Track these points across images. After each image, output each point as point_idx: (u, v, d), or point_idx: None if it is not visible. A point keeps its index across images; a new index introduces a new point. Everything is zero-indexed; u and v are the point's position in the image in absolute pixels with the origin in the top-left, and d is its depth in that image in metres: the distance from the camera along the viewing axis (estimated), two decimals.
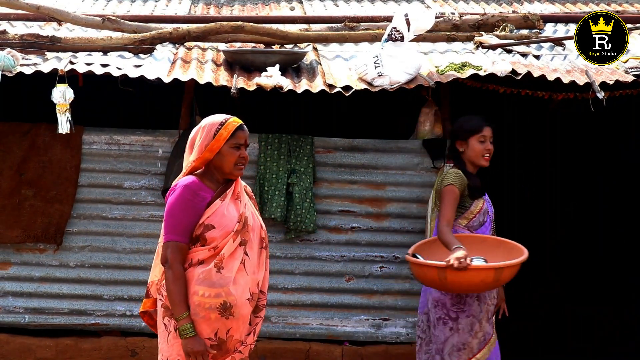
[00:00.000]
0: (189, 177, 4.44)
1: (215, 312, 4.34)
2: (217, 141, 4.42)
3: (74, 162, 7.40)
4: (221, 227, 4.38)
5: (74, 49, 7.47)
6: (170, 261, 4.36)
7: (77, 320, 7.38)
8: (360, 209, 7.47)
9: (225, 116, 4.51)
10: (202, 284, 4.34)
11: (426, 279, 5.59)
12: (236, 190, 4.51)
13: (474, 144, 5.86)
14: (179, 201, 4.38)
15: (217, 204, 4.41)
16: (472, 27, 8.08)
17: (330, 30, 8.16)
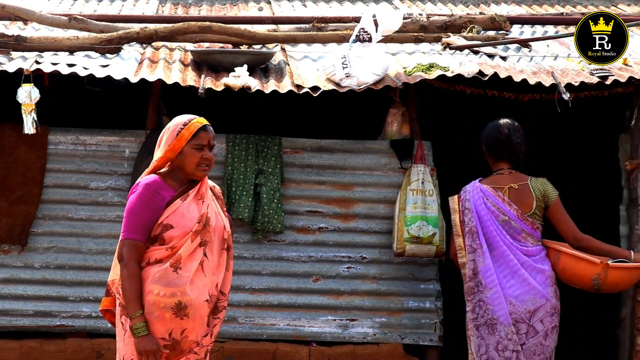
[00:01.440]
0: (151, 176, 4.43)
1: (170, 311, 4.32)
2: (179, 141, 4.41)
3: (40, 163, 7.34)
4: (179, 227, 4.36)
5: (39, 48, 7.42)
6: (125, 259, 4.34)
7: (41, 322, 7.33)
8: (327, 210, 7.47)
9: (190, 116, 4.49)
10: (157, 283, 4.32)
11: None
12: (200, 190, 4.49)
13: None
14: (138, 200, 4.37)
15: (177, 203, 4.39)
16: (439, 28, 8.11)
17: (298, 30, 8.16)
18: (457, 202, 5.71)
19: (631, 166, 7.33)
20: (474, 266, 5.60)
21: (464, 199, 5.69)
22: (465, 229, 5.62)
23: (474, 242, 5.60)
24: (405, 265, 7.43)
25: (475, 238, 5.60)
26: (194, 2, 9.50)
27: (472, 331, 5.60)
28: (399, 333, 7.41)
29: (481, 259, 5.58)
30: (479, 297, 5.57)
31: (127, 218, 4.39)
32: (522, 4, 9.48)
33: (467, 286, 5.62)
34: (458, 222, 5.66)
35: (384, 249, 7.43)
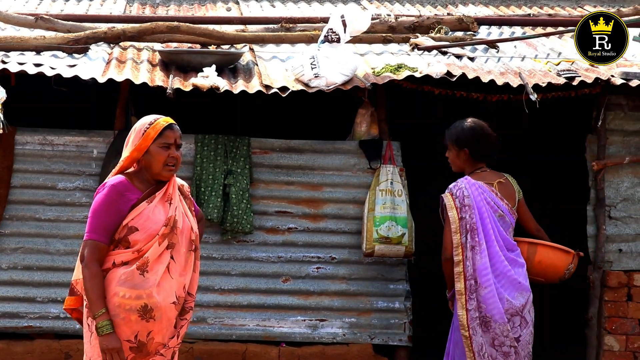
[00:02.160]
0: (118, 177, 4.40)
1: (136, 314, 4.30)
2: (145, 140, 4.37)
3: (6, 163, 7.28)
4: (145, 230, 4.34)
5: (5, 48, 7.36)
6: (86, 260, 4.33)
7: (9, 323, 7.27)
8: (297, 210, 7.48)
9: (155, 116, 4.47)
10: (123, 285, 4.30)
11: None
12: (167, 192, 4.45)
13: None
14: (103, 201, 4.34)
15: (143, 206, 4.36)
16: (407, 29, 8.13)
17: (266, 31, 8.16)
18: (452, 198, 5.63)
19: (598, 167, 7.39)
20: (471, 264, 5.55)
21: (460, 196, 5.58)
22: (464, 226, 5.57)
23: (473, 239, 5.54)
24: (375, 266, 7.45)
25: (475, 235, 5.54)
26: (161, 2, 9.47)
27: (473, 330, 5.57)
28: (368, 333, 7.43)
29: (478, 256, 5.54)
30: (475, 296, 5.56)
31: (91, 219, 4.36)
32: (490, 5, 9.54)
33: (468, 284, 5.55)
34: (457, 218, 5.59)
35: (353, 250, 7.44)
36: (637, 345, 7.38)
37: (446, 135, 5.79)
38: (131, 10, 9.11)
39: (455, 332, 5.66)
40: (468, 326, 5.53)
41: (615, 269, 7.41)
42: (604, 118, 7.37)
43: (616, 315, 7.37)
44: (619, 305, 7.37)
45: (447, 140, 5.78)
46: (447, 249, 5.62)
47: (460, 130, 5.73)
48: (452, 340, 5.68)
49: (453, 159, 5.78)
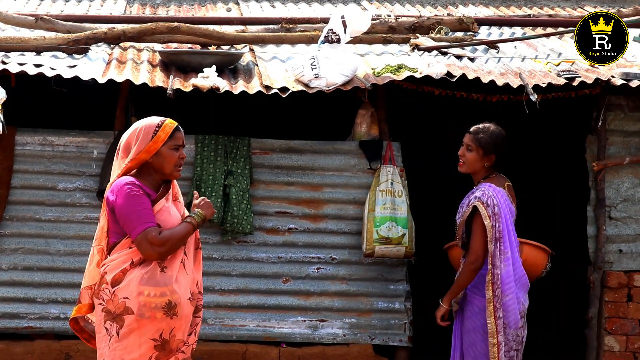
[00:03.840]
0: (125, 177, 4.40)
1: (161, 311, 4.33)
2: (155, 143, 4.40)
3: (7, 164, 7.28)
4: (166, 226, 4.38)
5: (6, 48, 7.36)
6: (155, 243, 4.30)
7: (9, 324, 7.27)
8: (297, 211, 7.48)
9: (160, 118, 4.48)
10: (146, 284, 4.32)
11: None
12: (174, 191, 4.53)
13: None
14: (129, 196, 4.33)
15: (162, 202, 4.42)
16: (408, 30, 8.14)
17: (267, 31, 8.16)
18: (484, 207, 5.57)
19: (598, 167, 7.40)
20: (499, 272, 5.54)
21: (491, 205, 5.51)
22: (494, 235, 5.52)
23: (500, 247, 5.52)
24: (375, 266, 7.45)
25: (501, 243, 5.49)
26: (162, 3, 9.47)
27: (501, 337, 5.56)
28: (368, 334, 7.43)
29: (504, 264, 5.53)
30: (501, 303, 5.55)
31: (128, 216, 4.32)
32: (490, 6, 9.54)
33: (497, 292, 5.53)
34: (491, 227, 5.55)
35: (354, 250, 7.44)
36: (637, 346, 7.38)
37: (473, 137, 5.60)
38: (131, 11, 9.11)
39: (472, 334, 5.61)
40: (497, 333, 5.51)
41: (616, 270, 7.41)
42: (604, 118, 7.38)
43: (616, 316, 7.37)
44: (619, 306, 7.37)
45: (475, 141, 5.59)
46: (480, 257, 5.54)
47: (493, 135, 5.56)
48: (468, 341, 5.64)
49: (474, 160, 5.60)
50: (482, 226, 5.47)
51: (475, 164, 5.57)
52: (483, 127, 5.60)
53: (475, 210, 5.48)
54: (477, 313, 5.55)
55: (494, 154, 5.54)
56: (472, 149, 5.55)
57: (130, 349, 4.33)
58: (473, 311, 5.55)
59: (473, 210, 5.49)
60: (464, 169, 5.66)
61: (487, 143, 5.53)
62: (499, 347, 5.48)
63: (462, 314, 5.65)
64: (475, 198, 5.52)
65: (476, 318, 5.56)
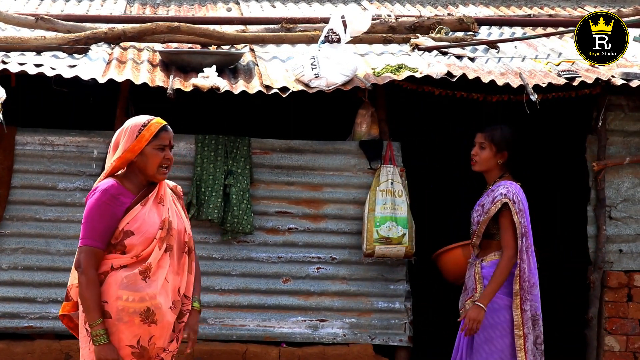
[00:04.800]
0: (109, 181, 4.33)
1: (138, 317, 4.26)
2: (139, 142, 4.32)
3: (7, 163, 7.28)
4: (140, 233, 4.28)
5: (6, 48, 7.36)
6: (83, 266, 4.25)
7: (9, 324, 7.27)
8: (297, 210, 7.47)
9: (148, 117, 4.41)
10: (126, 289, 4.25)
11: None
12: (159, 193, 4.41)
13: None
14: (96, 205, 4.27)
15: (137, 209, 4.30)
16: (408, 30, 8.14)
17: (267, 31, 8.16)
18: (511, 204, 5.61)
19: (598, 167, 7.40)
20: (527, 265, 5.59)
21: (517, 201, 5.58)
22: (521, 230, 5.58)
23: (526, 242, 5.58)
24: (375, 266, 7.45)
25: (526, 238, 5.59)
26: (162, 3, 9.47)
27: (527, 329, 5.60)
28: (368, 333, 7.43)
29: (530, 258, 5.61)
30: (528, 296, 5.59)
31: (85, 224, 4.29)
32: (490, 6, 9.54)
33: (524, 285, 5.57)
34: (519, 223, 5.60)
35: (354, 250, 7.44)
36: (637, 346, 7.38)
37: (486, 134, 5.69)
38: (131, 11, 9.11)
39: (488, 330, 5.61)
40: (524, 325, 5.55)
41: (616, 270, 7.41)
42: (604, 118, 7.38)
43: (616, 316, 7.37)
44: (619, 306, 7.38)
45: (488, 138, 5.66)
46: (516, 253, 5.56)
47: (506, 133, 5.68)
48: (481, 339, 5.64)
49: (488, 158, 5.67)
50: (512, 222, 5.54)
51: (489, 162, 5.66)
52: (494, 126, 5.73)
53: (505, 207, 5.54)
54: (496, 310, 5.57)
55: (506, 150, 5.65)
56: (486, 146, 5.66)
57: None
58: (492, 308, 5.56)
59: (502, 207, 5.55)
60: (477, 168, 5.73)
61: (499, 140, 5.64)
62: (526, 339, 5.54)
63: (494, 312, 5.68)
64: (501, 195, 5.57)
65: (496, 315, 5.58)
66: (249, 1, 9.43)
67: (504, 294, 5.58)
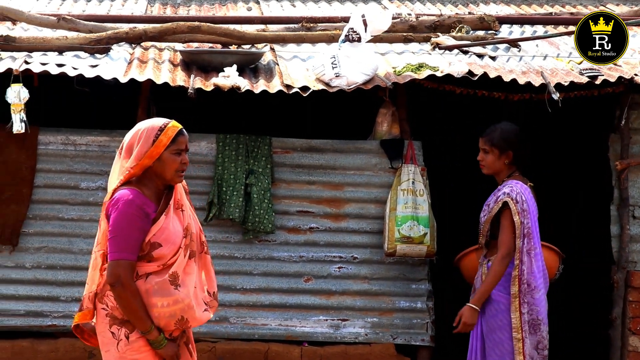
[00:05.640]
0: (130, 190, 4.25)
1: (175, 319, 4.28)
2: (157, 147, 4.25)
3: (30, 163, 7.32)
4: (168, 244, 4.26)
5: (28, 48, 7.39)
6: (124, 280, 4.20)
7: (33, 322, 7.31)
8: (318, 210, 7.48)
9: (164, 120, 4.34)
10: (157, 295, 4.25)
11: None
12: (176, 198, 4.38)
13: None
14: (124, 217, 4.20)
15: (162, 220, 4.26)
16: (428, 28, 8.12)
17: (287, 30, 8.16)
18: (514, 204, 5.59)
19: (621, 166, 7.36)
20: (527, 267, 5.56)
21: (520, 201, 5.55)
22: (522, 231, 5.55)
23: (529, 244, 5.54)
24: (397, 265, 7.45)
25: (530, 239, 5.54)
26: (182, 2, 9.49)
27: (525, 332, 5.57)
28: (390, 333, 7.42)
29: (533, 260, 5.56)
30: (527, 299, 5.56)
31: (116, 238, 4.21)
32: (511, 4, 9.50)
33: (522, 287, 5.55)
34: (519, 223, 5.57)
35: (375, 249, 7.43)
36: None
37: (486, 138, 5.68)
38: (152, 11, 9.13)
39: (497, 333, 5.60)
40: (521, 329, 5.53)
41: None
42: (627, 117, 7.35)
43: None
44: None
45: (488, 143, 5.65)
46: (512, 253, 5.55)
47: (505, 132, 5.65)
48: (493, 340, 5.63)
49: (493, 161, 5.67)
50: (511, 222, 5.52)
51: (494, 165, 5.66)
52: (493, 128, 5.72)
53: (505, 206, 5.52)
54: (503, 311, 5.56)
55: (509, 150, 5.63)
56: (488, 150, 5.67)
57: (142, 349, 4.30)
58: (498, 309, 5.55)
59: (503, 206, 5.53)
60: (486, 171, 5.76)
61: (499, 141, 5.64)
62: (524, 343, 5.51)
63: (484, 314, 5.64)
64: (504, 194, 5.55)
65: (502, 316, 5.56)
66: (270, 0, 9.43)
67: (508, 293, 5.57)
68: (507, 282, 5.57)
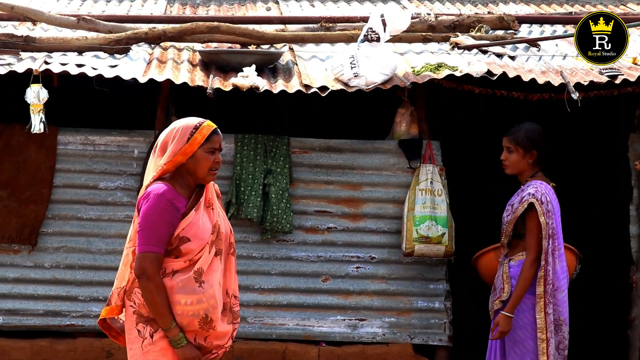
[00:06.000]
0: (162, 185, 4.30)
1: (198, 318, 4.28)
2: (191, 145, 4.29)
3: (49, 163, 7.36)
4: (197, 239, 4.28)
5: (48, 49, 7.43)
6: (150, 273, 4.23)
7: (52, 322, 7.34)
8: (336, 210, 7.47)
9: (199, 119, 4.38)
10: (181, 292, 4.26)
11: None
12: (207, 196, 4.40)
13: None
14: (155, 210, 4.24)
15: (192, 215, 4.29)
16: (447, 28, 8.10)
17: (306, 30, 8.16)
18: (539, 205, 5.58)
19: None
20: (552, 268, 5.55)
21: (545, 202, 5.54)
22: (548, 231, 5.54)
23: (553, 244, 5.54)
24: (415, 265, 7.43)
25: (555, 240, 5.54)
26: (202, 2, 9.51)
27: (550, 333, 5.57)
28: (408, 333, 7.41)
29: (557, 260, 5.57)
30: (552, 299, 5.56)
31: (145, 230, 4.25)
32: (531, 4, 9.46)
33: (547, 288, 5.55)
34: (545, 224, 5.56)
35: (393, 249, 7.42)
36: None
37: (510, 137, 5.66)
38: (172, 11, 9.16)
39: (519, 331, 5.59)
40: (546, 329, 5.52)
41: None
42: None
43: None
44: None
45: (512, 141, 5.64)
46: (539, 255, 5.55)
47: (530, 132, 5.65)
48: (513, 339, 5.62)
49: (517, 160, 5.66)
50: (537, 224, 5.51)
51: (519, 164, 5.64)
52: (517, 127, 5.69)
53: (531, 207, 5.51)
54: (524, 310, 5.56)
55: (534, 149, 5.61)
56: (512, 149, 5.63)
57: (165, 352, 4.30)
58: (521, 308, 5.55)
59: (528, 207, 5.51)
60: (509, 171, 5.73)
61: (524, 140, 5.61)
62: (548, 343, 5.50)
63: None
64: (529, 195, 5.54)
65: (524, 315, 5.56)
66: (288, 0, 9.44)
67: (532, 293, 5.55)
68: (533, 282, 5.56)
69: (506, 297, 5.60)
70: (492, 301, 5.70)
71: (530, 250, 5.53)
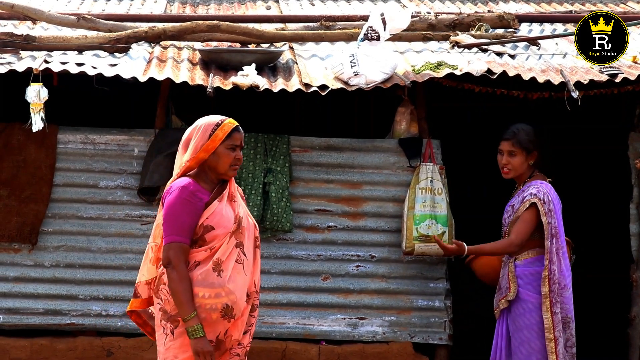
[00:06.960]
0: (185, 179, 4.41)
1: (217, 312, 4.33)
2: (213, 141, 4.40)
3: (49, 162, 7.36)
4: (220, 227, 4.36)
5: (48, 47, 7.43)
6: (174, 262, 4.32)
7: (52, 320, 7.34)
8: (336, 208, 7.47)
9: (221, 117, 4.49)
10: (200, 285, 4.33)
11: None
12: (230, 190, 4.49)
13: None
14: (178, 202, 4.34)
15: (215, 204, 4.39)
16: (447, 27, 8.10)
17: (306, 29, 8.16)
18: (541, 204, 5.58)
19: None
20: (557, 267, 5.56)
21: (547, 201, 5.54)
22: (550, 231, 5.54)
23: (557, 243, 5.55)
24: (415, 264, 7.43)
25: (558, 239, 5.56)
26: (201, 1, 9.51)
27: (558, 332, 5.57)
28: (408, 332, 7.41)
29: (562, 259, 5.58)
30: (559, 298, 5.56)
31: (169, 221, 4.35)
32: (531, 2, 9.46)
33: (554, 287, 5.55)
34: (547, 224, 5.56)
35: (393, 248, 7.42)
36: None
37: (513, 140, 5.65)
38: (172, 10, 9.16)
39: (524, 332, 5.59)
40: (554, 328, 5.52)
41: None
42: None
43: None
44: None
45: (516, 144, 5.63)
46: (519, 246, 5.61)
47: (528, 133, 5.65)
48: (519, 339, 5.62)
49: (520, 163, 5.65)
50: (533, 218, 5.54)
51: (521, 166, 5.66)
52: (517, 129, 5.67)
53: (532, 206, 5.51)
54: (531, 310, 5.55)
55: (535, 150, 5.60)
56: (516, 153, 5.63)
57: (185, 348, 4.36)
58: (527, 308, 5.55)
59: (529, 207, 5.51)
60: (510, 175, 5.71)
61: (526, 142, 5.63)
62: (557, 342, 5.50)
63: (510, 313, 5.64)
64: (530, 195, 5.54)
65: (530, 315, 5.56)
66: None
67: (537, 293, 5.55)
68: (536, 281, 5.56)
69: (512, 297, 5.60)
70: (498, 300, 5.70)
71: (517, 235, 5.56)
